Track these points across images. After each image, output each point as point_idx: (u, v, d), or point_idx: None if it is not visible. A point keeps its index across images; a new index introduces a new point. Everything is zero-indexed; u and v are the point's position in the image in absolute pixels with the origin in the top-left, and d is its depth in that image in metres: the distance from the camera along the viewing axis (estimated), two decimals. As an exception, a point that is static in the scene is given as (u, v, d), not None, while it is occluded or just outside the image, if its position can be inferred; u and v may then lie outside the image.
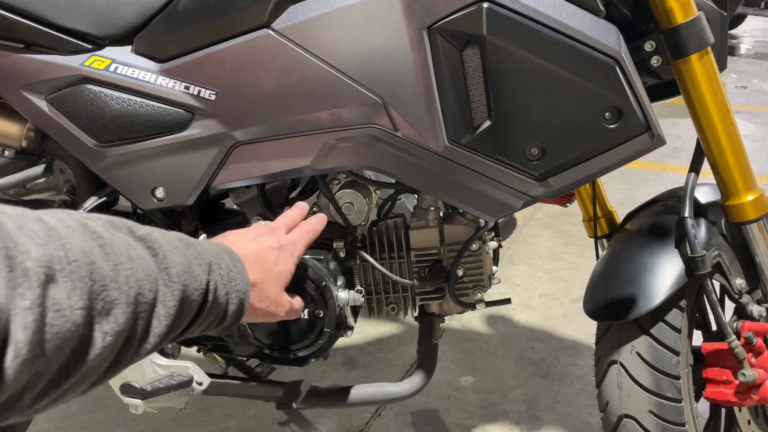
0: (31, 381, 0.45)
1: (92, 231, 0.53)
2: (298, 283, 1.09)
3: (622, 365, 1.21)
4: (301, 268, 1.05)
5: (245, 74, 1.04)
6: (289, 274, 0.89)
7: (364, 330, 2.24)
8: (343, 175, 1.26)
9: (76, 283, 0.48)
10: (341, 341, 1.78)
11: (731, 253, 1.21)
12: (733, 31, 8.41)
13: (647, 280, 1.16)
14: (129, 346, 0.57)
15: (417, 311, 1.29)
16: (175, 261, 0.63)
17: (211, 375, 1.23)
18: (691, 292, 1.20)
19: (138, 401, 1.10)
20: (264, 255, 0.86)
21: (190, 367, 1.18)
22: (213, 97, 1.06)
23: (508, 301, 1.33)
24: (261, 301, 0.83)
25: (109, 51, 1.09)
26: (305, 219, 1.00)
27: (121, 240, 0.57)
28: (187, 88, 1.06)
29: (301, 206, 1.01)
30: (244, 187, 1.18)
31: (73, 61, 1.08)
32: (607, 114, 0.97)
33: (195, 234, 1.21)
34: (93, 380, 0.54)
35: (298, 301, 0.91)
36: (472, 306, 1.25)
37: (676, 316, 1.18)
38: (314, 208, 1.24)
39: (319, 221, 0.99)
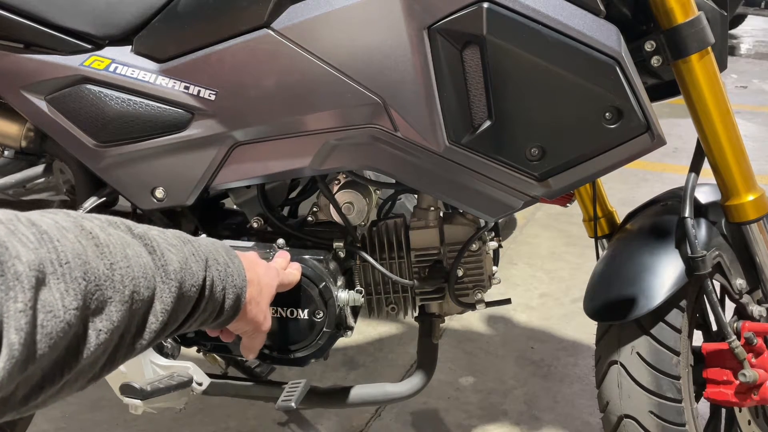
0: (24, 380, 0.46)
1: (88, 231, 0.54)
2: (297, 284, 1.10)
3: (622, 365, 1.21)
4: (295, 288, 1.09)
5: (245, 74, 1.03)
6: (272, 291, 0.90)
7: (364, 330, 2.24)
8: (343, 175, 1.26)
9: (69, 284, 0.48)
10: (341, 341, 1.78)
11: (731, 254, 1.21)
12: (733, 31, 8.40)
13: (647, 281, 1.16)
14: (123, 342, 0.57)
15: (417, 311, 1.29)
16: (172, 258, 0.64)
17: (211, 375, 1.23)
18: (691, 292, 1.19)
19: (138, 402, 1.10)
20: (256, 261, 0.88)
21: (190, 367, 1.18)
22: (213, 97, 1.05)
23: (508, 301, 1.33)
24: (251, 305, 0.83)
25: (109, 51, 1.09)
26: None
27: (118, 238, 0.57)
28: (186, 88, 1.06)
29: (284, 254, 1.09)
30: (244, 187, 1.18)
31: (73, 61, 1.08)
32: (607, 114, 0.97)
33: (195, 234, 1.21)
34: (89, 377, 0.55)
35: (269, 323, 0.91)
36: (472, 306, 1.24)
37: (676, 317, 1.18)
38: (314, 208, 1.24)
39: (297, 272, 1.07)
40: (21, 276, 0.43)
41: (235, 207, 1.24)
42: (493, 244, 1.25)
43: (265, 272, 0.89)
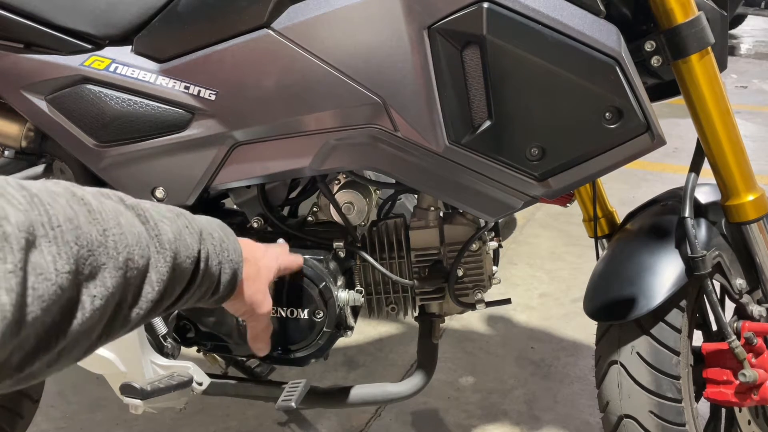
0: (18, 345, 0.46)
1: (79, 197, 0.53)
2: (297, 284, 1.10)
3: (622, 365, 1.21)
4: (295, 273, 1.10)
5: (245, 74, 1.03)
6: (271, 273, 0.90)
7: (364, 330, 2.24)
8: (343, 175, 1.26)
9: (61, 248, 0.48)
10: (341, 341, 1.77)
11: (731, 254, 1.21)
12: (733, 31, 8.41)
13: (647, 280, 1.16)
14: (120, 311, 0.57)
15: (417, 311, 1.29)
16: (165, 229, 0.64)
17: (211, 375, 1.23)
18: (691, 292, 1.19)
19: (138, 401, 1.10)
20: (254, 243, 0.89)
21: (190, 367, 1.18)
22: (213, 97, 1.05)
23: (508, 301, 1.33)
24: (248, 284, 0.83)
25: (109, 51, 1.09)
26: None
27: (111, 207, 0.57)
28: (187, 88, 1.06)
29: (282, 243, 1.10)
30: (244, 187, 1.18)
31: (73, 61, 1.08)
32: (607, 114, 0.97)
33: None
34: (86, 346, 0.55)
35: (269, 305, 0.91)
36: (472, 306, 1.24)
37: (676, 317, 1.18)
38: (314, 208, 1.24)
39: (299, 257, 1.08)
40: (10, 237, 0.43)
41: (235, 207, 1.24)
42: (493, 244, 1.25)
43: (263, 254, 0.89)
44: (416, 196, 1.25)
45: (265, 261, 0.89)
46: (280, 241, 1.16)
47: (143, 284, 0.59)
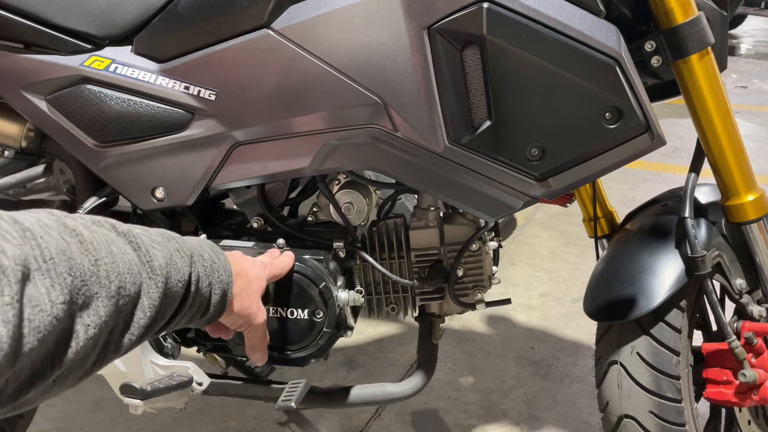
0: (14, 375, 0.46)
1: (71, 229, 0.54)
2: (297, 284, 1.10)
3: (622, 365, 1.21)
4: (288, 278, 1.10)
5: (245, 74, 1.03)
6: (262, 284, 0.91)
7: (364, 330, 2.24)
8: (343, 176, 1.26)
9: (55, 280, 0.49)
10: (341, 341, 1.78)
11: (731, 254, 1.21)
12: (733, 31, 8.41)
13: (647, 281, 1.16)
14: (113, 338, 0.58)
15: (417, 311, 1.29)
16: (157, 254, 0.65)
17: (211, 375, 1.23)
18: (691, 292, 1.19)
19: (138, 401, 1.10)
20: (242, 257, 0.90)
21: (190, 367, 1.18)
22: (213, 98, 1.05)
23: (508, 301, 1.33)
24: (241, 298, 0.84)
25: (109, 51, 1.09)
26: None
27: (102, 236, 0.58)
28: (186, 88, 1.06)
29: (272, 251, 1.11)
30: (244, 187, 1.19)
31: (73, 61, 1.08)
32: (607, 114, 0.97)
33: (195, 234, 1.21)
34: (80, 374, 0.56)
35: (264, 315, 0.92)
36: (472, 306, 1.24)
37: (676, 317, 1.18)
38: (314, 208, 1.24)
39: (288, 258, 1.09)
40: (7, 270, 0.44)
41: (235, 207, 1.24)
42: (493, 244, 1.25)
43: (252, 266, 0.91)
44: (416, 196, 1.25)
45: (255, 272, 0.91)
46: (280, 241, 1.16)
47: (135, 310, 0.61)
